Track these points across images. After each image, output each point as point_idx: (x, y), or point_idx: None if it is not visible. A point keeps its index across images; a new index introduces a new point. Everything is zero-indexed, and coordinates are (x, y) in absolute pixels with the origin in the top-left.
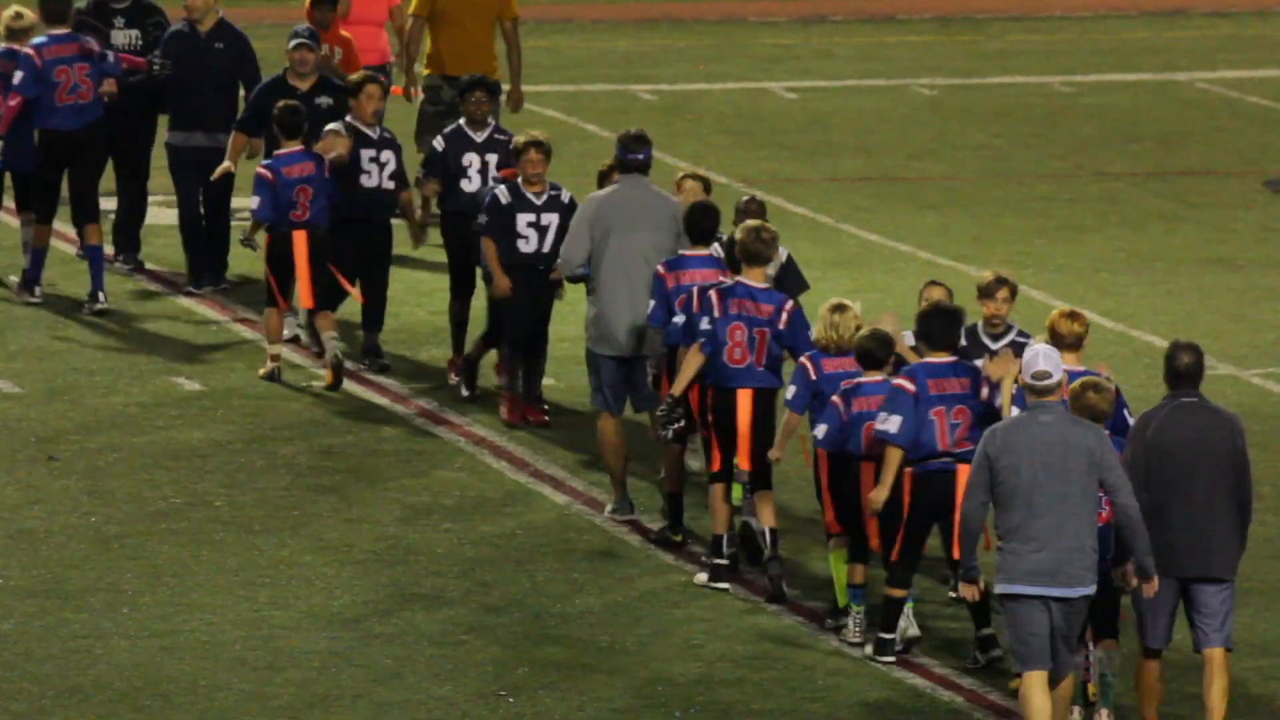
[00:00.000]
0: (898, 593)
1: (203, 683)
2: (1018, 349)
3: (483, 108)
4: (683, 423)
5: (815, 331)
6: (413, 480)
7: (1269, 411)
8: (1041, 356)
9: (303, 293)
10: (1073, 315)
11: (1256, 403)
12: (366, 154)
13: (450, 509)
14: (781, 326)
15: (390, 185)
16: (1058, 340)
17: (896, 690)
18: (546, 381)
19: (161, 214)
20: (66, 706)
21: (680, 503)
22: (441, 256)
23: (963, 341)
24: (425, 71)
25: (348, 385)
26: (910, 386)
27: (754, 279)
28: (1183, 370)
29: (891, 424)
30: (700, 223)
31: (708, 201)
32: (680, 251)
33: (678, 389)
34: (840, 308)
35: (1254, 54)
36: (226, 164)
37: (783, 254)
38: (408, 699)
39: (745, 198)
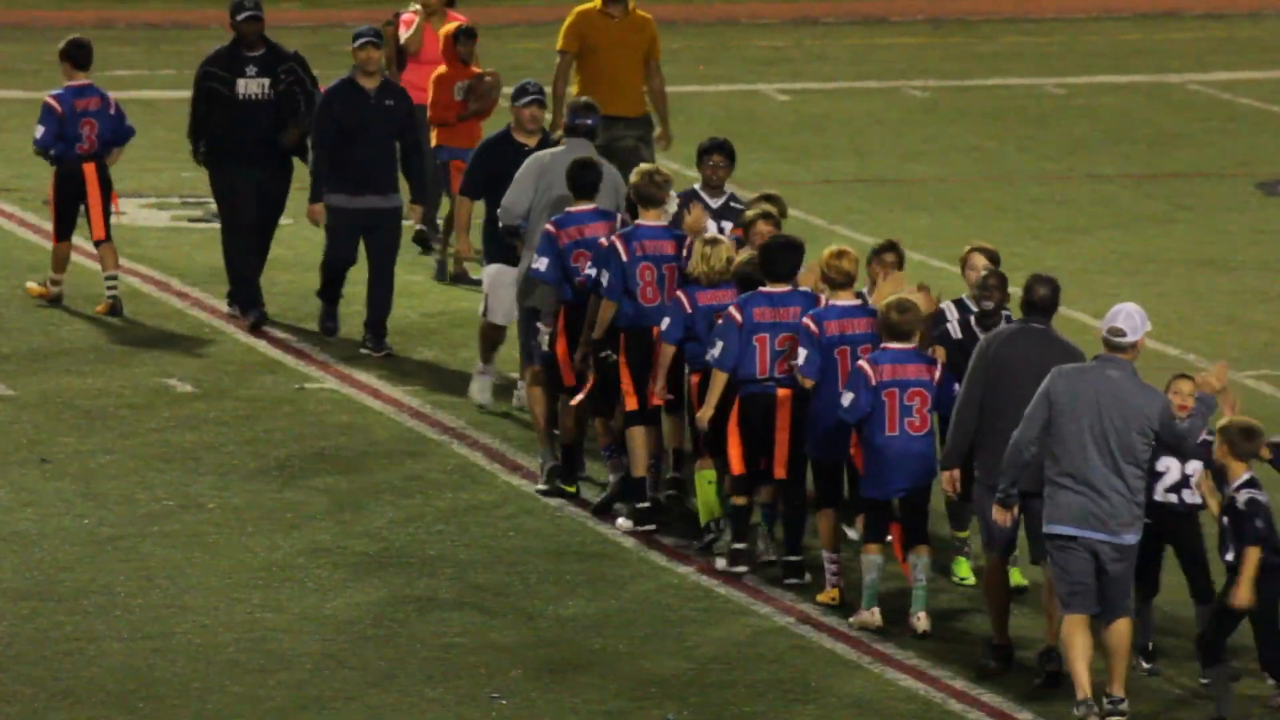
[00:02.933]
0: (740, 500)
1: (195, 685)
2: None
3: (720, 172)
4: (612, 355)
5: (690, 264)
6: (405, 482)
7: (1261, 414)
8: (1123, 315)
9: (95, 223)
10: (841, 254)
11: (1249, 405)
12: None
13: (443, 511)
14: (684, 261)
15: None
16: (827, 280)
17: (889, 692)
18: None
19: (155, 216)
20: (59, 709)
21: (573, 455)
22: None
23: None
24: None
25: (340, 388)
26: (738, 317)
27: (650, 219)
28: (1036, 301)
29: (715, 350)
30: (583, 177)
31: (589, 157)
32: (567, 209)
33: (598, 333)
34: (714, 241)
35: (1247, 56)
36: (463, 246)
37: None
38: (400, 701)
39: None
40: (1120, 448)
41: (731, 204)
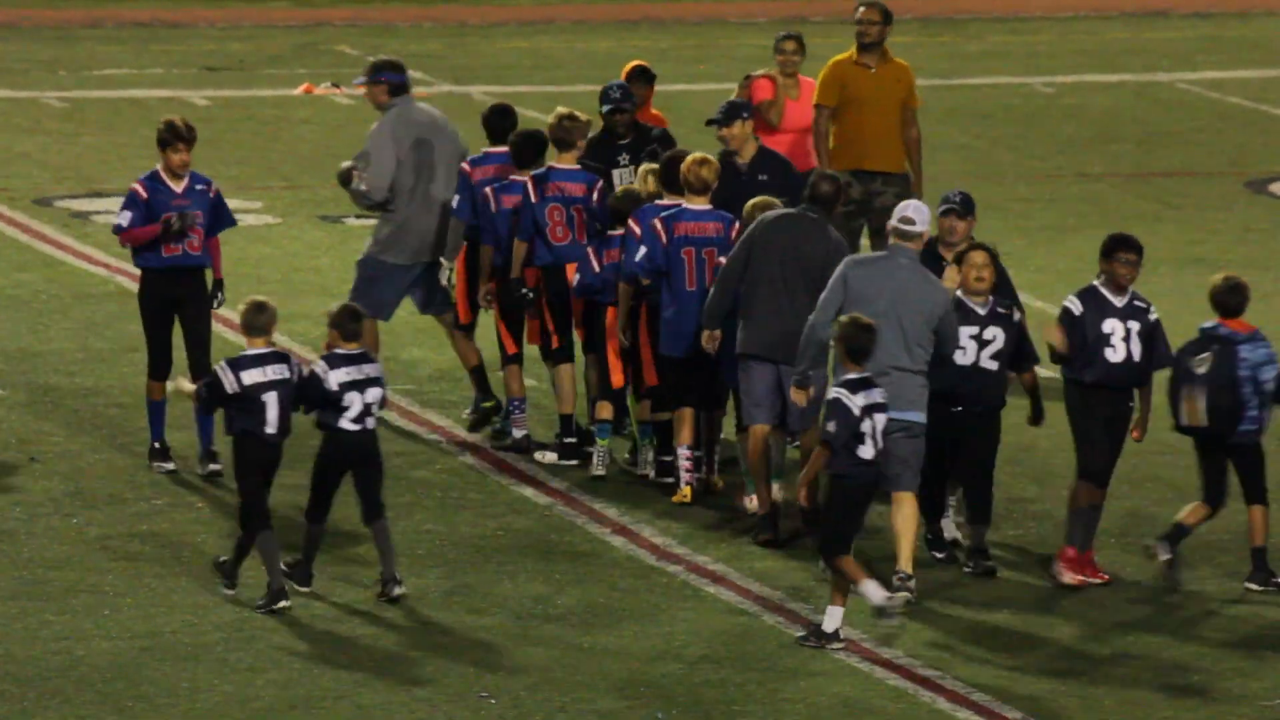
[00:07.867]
0: (662, 416)
1: (184, 684)
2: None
3: (1132, 271)
4: (532, 294)
5: (635, 185)
6: (394, 481)
7: None
8: (912, 208)
9: None
10: (703, 162)
11: None
12: (966, 331)
13: (432, 510)
14: (595, 203)
15: (991, 365)
16: (687, 185)
17: (878, 691)
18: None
19: None
20: (48, 708)
21: (483, 373)
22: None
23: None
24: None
25: None
26: (661, 230)
27: (565, 163)
28: (819, 196)
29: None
30: (498, 123)
31: (505, 104)
32: (484, 149)
33: (515, 272)
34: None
35: (1234, 54)
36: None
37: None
38: (389, 700)
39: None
40: (911, 332)
41: (1135, 303)
